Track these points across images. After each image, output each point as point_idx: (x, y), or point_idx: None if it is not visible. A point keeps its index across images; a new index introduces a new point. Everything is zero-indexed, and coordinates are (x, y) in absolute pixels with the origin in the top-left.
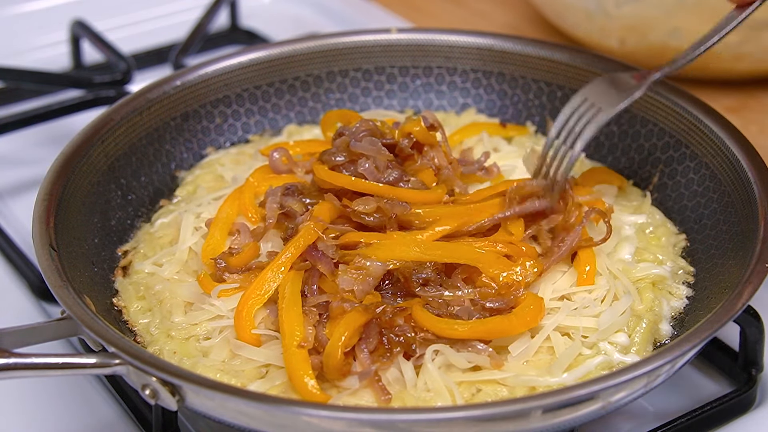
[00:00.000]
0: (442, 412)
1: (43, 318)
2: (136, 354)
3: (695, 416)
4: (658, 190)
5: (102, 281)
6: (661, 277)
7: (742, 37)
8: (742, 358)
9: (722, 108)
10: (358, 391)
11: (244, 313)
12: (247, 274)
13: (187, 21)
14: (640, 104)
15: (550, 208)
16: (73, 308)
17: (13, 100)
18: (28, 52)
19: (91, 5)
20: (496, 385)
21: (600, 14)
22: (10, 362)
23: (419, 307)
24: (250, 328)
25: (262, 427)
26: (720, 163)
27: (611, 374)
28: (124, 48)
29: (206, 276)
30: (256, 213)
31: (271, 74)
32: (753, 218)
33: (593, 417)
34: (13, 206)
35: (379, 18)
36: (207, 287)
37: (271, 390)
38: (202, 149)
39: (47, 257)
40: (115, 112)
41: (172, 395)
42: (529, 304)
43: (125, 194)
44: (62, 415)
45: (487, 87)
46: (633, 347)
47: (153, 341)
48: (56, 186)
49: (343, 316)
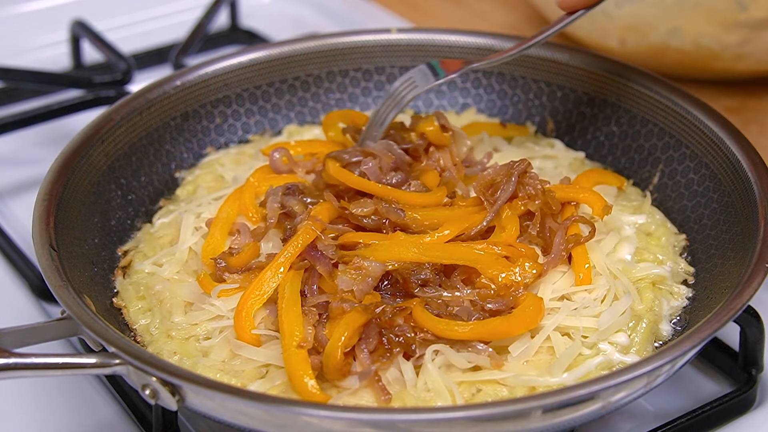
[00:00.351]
0: (442, 412)
1: (43, 318)
2: (136, 354)
3: (695, 416)
4: (658, 190)
5: (102, 281)
6: (661, 277)
7: (742, 37)
8: (742, 358)
9: (722, 108)
10: (358, 391)
11: (243, 313)
12: (247, 274)
13: (187, 21)
14: (640, 104)
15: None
16: (73, 308)
17: (13, 100)
18: (28, 52)
19: (91, 5)
20: (496, 385)
21: (600, 14)
22: (10, 362)
23: (420, 307)
24: (250, 329)
25: (262, 427)
26: (720, 163)
27: (611, 374)
28: (124, 48)
29: (206, 276)
30: (256, 213)
31: (271, 74)
32: (753, 218)
33: (593, 417)
34: (13, 206)
35: (379, 18)
36: (207, 287)
37: (271, 390)
38: (202, 149)
39: (47, 257)
40: (115, 112)
41: (172, 395)
42: (529, 305)
43: (125, 194)
44: (62, 415)
45: (487, 87)
46: (633, 347)
47: (153, 341)
48: (56, 186)
49: (343, 316)
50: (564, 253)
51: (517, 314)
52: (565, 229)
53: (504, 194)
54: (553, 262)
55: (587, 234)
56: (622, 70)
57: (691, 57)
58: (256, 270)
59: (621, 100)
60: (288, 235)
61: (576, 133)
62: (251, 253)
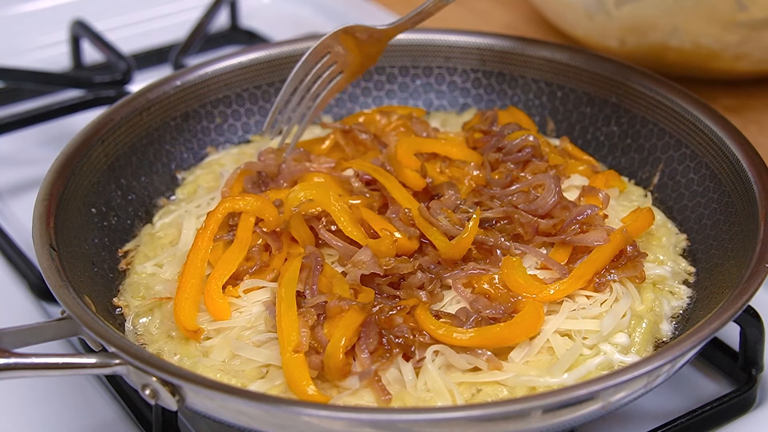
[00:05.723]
0: (442, 412)
1: (43, 318)
2: (136, 354)
3: (695, 416)
4: (658, 190)
5: (102, 281)
6: (661, 277)
7: (742, 37)
8: (742, 358)
9: (722, 108)
10: (358, 391)
11: (187, 286)
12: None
13: (187, 21)
14: (640, 104)
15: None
16: (73, 308)
17: (13, 100)
18: (28, 52)
19: (91, 5)
20: (496, 385)
21: (600, 14)
22: (10, 362)
23: (424, 308)
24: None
25: (262, 427)
26: (720, 163)
27: (611, 374)
28: (124, 48)
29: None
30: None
31: (271, 74)
32: (753, 218)
33: (593, 417)
34: (13, 206)
35: (379, 18)
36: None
37: (271, 390)
38: (202, 149)
39: (47, 257)
40: (115, 112)
41: (172, 395)
42: (529, 311)
43: (125, 194)
44: (62, 415)
45: (487, 87)
46: (633, 347)
47: (153, 341)
48: (56, 186)
49: (341, 315)
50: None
51: (518, 321)
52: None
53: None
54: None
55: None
56: (622, 70)
57: (691, 57)
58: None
59: (621, 100)
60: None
61: (576, 133)
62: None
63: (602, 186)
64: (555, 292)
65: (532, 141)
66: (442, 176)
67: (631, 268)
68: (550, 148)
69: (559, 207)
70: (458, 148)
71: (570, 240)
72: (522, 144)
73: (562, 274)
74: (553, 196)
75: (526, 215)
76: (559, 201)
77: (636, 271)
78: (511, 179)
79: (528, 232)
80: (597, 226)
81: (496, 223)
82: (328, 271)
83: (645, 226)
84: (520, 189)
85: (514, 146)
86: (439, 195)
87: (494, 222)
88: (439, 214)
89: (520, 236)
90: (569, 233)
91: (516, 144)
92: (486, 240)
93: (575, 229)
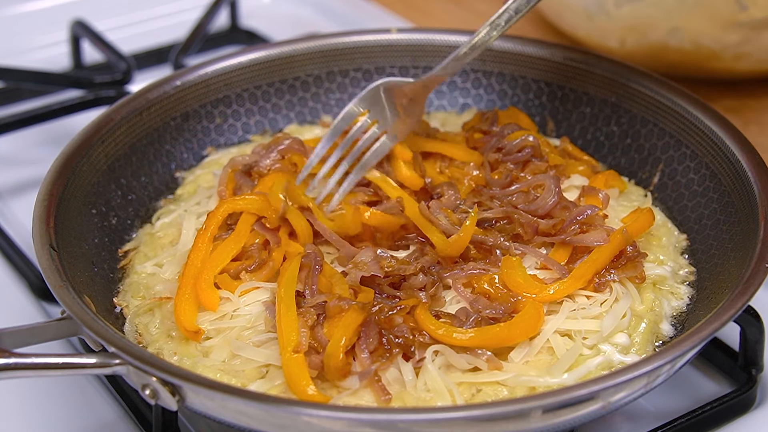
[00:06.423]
0: (442, 412)
1: (43, 318)
2: (136, 354)
3: (695, 416)
4: (658, 190)
5: (102, 281)
6: (661, 277)
7: (742, 37)
8: (742, 358)
9: (722, 108)
10: (358, 391)
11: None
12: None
13: (187, 21)
14: (640, 104)
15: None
16: (73, 308)
17: (13, 100)
18: (28, 52)
19: (91, 5)
20: (496, 385)
21: (600, 14)
22: (10, 362)
23: (424, 309)
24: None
25: (262, 427)
26: (720, 163)
27: (611, 374)
28: (124, 48)
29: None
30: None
31: (271, 74)
32: (753, 218)
33: (593, 417)
34: (13, 206)
35: (379, 18)
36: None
37: (271, 390)
38: (202, 149)
39: (47, 257)
40: (115, 112)
41: (172, 395)
42: (529, 311)
43: (125, 194)
44: (62, 415)
45: (487, 87)
46: (633, 347)
47: (153, 341)
48: (56, 186)
49: (341, 315)
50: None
51: (518, 321)
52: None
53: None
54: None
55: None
56: (622, 70)
57: (691, 57)
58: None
59: (621, 100)
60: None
61: (576, 133)
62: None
63: (602, 186)
64: (555, 292)
65: (531, 141)
66: (441, 176)
67: (631, 268)
68: (550, 148)
69: (559, 207)
70: (458, 148)
71: (570, 240)
72: (522, 144)
73: (562, 274)
74: (553, 197)
75: (526, 215)
76: (559, 201)
77: (636, 271)
78: (510, 179)
79: (528, 232)
80: (597, 226)
81: (496, 223)
82: (327, 270)
83: (645, 227)
84: (520, 189)
85: (514, 146)
86: (439, 195)
87: (494, 222)
88: (439, 213)
89: (520, 236)
90: (569, 233)
91: (516, 144)
92: (485, 240)
93: (575, 229)
